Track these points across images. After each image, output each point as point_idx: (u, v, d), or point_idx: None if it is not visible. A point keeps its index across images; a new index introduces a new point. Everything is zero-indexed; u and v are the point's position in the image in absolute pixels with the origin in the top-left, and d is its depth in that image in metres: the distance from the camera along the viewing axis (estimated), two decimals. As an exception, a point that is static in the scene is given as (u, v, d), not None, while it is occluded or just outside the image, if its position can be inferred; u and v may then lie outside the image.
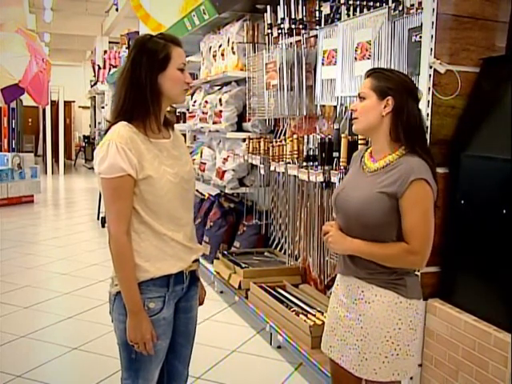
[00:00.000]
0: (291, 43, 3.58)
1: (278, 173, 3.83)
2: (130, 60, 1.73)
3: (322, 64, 3.17)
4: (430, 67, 2.33)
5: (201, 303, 2.02)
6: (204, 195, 5.53)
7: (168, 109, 1.87)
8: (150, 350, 1.73)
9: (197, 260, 1.89)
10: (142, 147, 1.70)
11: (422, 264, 1.79)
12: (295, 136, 3.54)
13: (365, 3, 2.87)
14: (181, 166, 1.80)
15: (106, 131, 1.73)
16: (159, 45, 1.72)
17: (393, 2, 2.61)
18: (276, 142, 3.87)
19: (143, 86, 1.70)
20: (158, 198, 1.71)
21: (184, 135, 6.63)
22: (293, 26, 3.53)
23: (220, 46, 4.70)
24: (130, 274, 1.69)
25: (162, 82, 1.72)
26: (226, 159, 4.61)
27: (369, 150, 1.92)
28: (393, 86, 1.79)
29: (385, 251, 1.77)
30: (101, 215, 7.40)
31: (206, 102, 4.92)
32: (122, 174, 1.65)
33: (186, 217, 1.83)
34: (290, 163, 3.55)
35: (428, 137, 2.32)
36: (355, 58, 2.80)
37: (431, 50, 2.32)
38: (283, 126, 4.11)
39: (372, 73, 1.85)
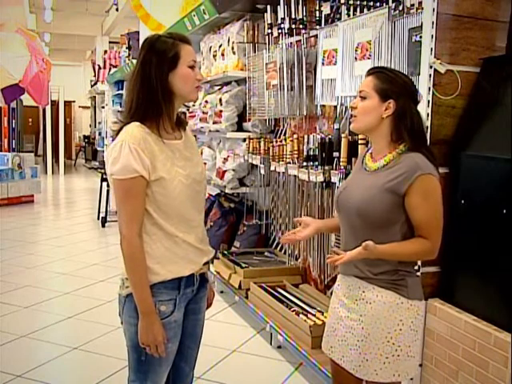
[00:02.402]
0: (291, 43, 3.58)
1: (278, 173, 3.82)
2: (140, 61, 1.72)
3: (322, 64, 3.16)
4: (431, 67, 2.33)
5: (209, 305, 2.00)
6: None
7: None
8: (161, 352, 1.72)
9: (207, 262, 1.88)
10: (155, 148, 1.69)
11: (435, 256, 1.80)
12: (295, 136, 3.54)
13: (365, 3, 2.87)
14: (192, 167, 1.79)
15: (118, 131, 1.72)
16: (168, 44, 1.71)
17: (393, 2, 2.61)
18: (276, 141, 3.87)
19: (154, 86, 1.69)
20: (170, 199, 1.70)
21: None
22: (293, 26, 3.53)
23: (220, 46, 4.70)
24: (143, 276, 1.68)
25: (173, 80, 1.71)
26: (226, 159, 4.60)
27: (370, 151, 1.92)
28: (396, 89, 1.77)
29: (409, 250, 1.76)
30: (101, 215, 7.40)
31: (206, 101, 4.92)
32: (135, 175, 1.64)
33: (197, 218, 1.82)
34: (290, 163, 3.55)
35: (428, 137, 2.32)
36: (355, 58, 2.79)
37: (431, 49, 2.32)
38: (283, 126, 4.11)
39: (374, 72, 1.83)
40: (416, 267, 1.93)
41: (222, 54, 4.67)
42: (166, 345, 1.73)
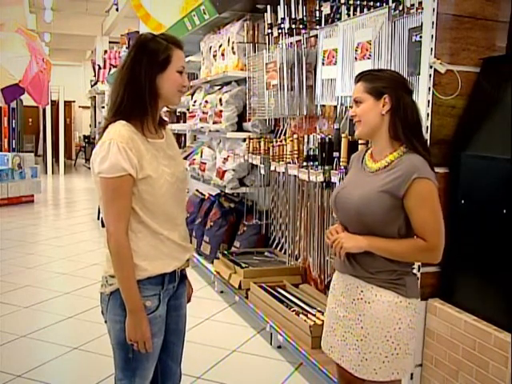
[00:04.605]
0: (291, 43, 3.59)
1: (279, 173, 3.82)
2: (131, 58, 1.73)
3: (322, 64, 3.16)
4: (431, 67, 2.33)
5: (188, 300, 2.03)
6: (204, 195, 5.53)
7: (166, 108, 1.87)
8: (149, 348, 1.73)
9: (188, 259, 1.90)
10: (142, 147, 1.70)
11: (438, 259, 1.79)
12: (295, 136, 3.54)
13: (365, 3, 2.87)
14: (176, 165, 1.82)
15: (104, 129, 1.73)
16: (161, 45, 1.72)
17: (393, 2, 2.61)
18: (276, 141, 3.87)
19: (142, 85, 1.70)
20: (156, 197, 1.72)
21: (184, 135, 6.63)
22: (293, 26, 3.53)
23: (220, 46, 4.70)
24: (130, 274, 1.70)
25: (160, 83, 1.72)
26: (226, 159, 4.60)
27: (369, 151, 1.93)
28: (386, 84, 1.80)
29: (402, 247, 1.77)
30: (101, 215, 7.39)
31: (206, 101, 4.92)
32: (123, 173, 1.65)
33: (180, 216, 1.85)
34: (290, 163, 3.55)
35: (428, 137, 2.33)
36: (355, 58, 2.79)
37: (431, 49, 2.32)
38: (283, 126, 4.10)
39: (361, 77, 1.86)
40: (414, 266, 1.93)
41: (222, 54, 4.67)
42: (152, 340, 1.74)
